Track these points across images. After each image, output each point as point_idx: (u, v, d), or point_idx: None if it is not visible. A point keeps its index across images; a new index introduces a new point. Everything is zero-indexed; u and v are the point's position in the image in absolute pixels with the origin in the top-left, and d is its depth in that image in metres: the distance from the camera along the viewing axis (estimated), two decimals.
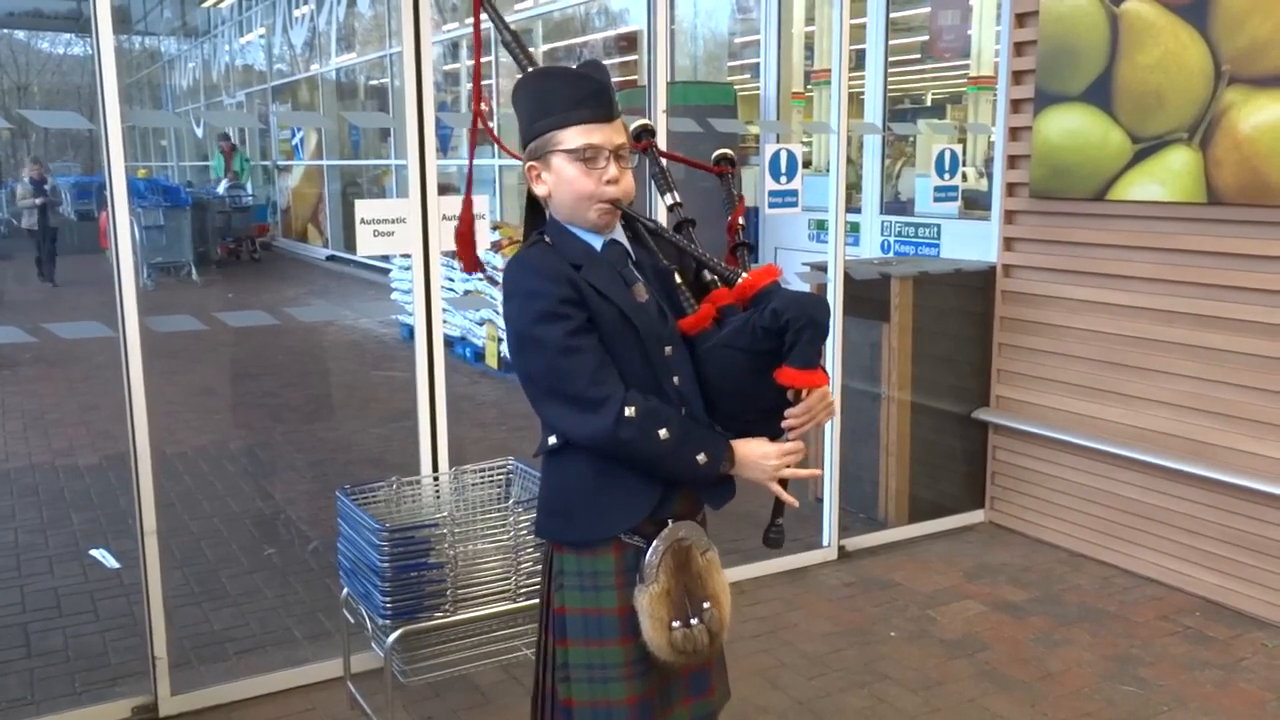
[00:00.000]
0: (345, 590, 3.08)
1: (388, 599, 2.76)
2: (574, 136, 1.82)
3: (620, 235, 1.92)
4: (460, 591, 2.85)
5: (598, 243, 1.88)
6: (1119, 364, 4.11)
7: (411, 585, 2.79)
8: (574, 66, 1.94)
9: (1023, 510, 4.58)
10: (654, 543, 1.87)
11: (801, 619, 3.77)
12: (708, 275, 1.96)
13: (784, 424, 1.86)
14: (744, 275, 1.86)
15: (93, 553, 4.38)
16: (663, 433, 1.79)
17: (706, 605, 1.88)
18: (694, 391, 1.87)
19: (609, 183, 1.83)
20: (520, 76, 1.94)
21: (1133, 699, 3.22)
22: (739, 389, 1.86)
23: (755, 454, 1.87)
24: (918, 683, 3.32)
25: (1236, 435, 3.75)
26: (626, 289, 1.85)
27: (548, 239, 1.88)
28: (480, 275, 3.05)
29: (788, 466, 1.88)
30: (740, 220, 2.08)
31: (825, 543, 4.32)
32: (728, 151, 2.16)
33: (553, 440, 1.89)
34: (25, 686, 3.31)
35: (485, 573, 2.87)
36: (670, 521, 1.89)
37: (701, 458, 1.83)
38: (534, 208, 1.97)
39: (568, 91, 1.84)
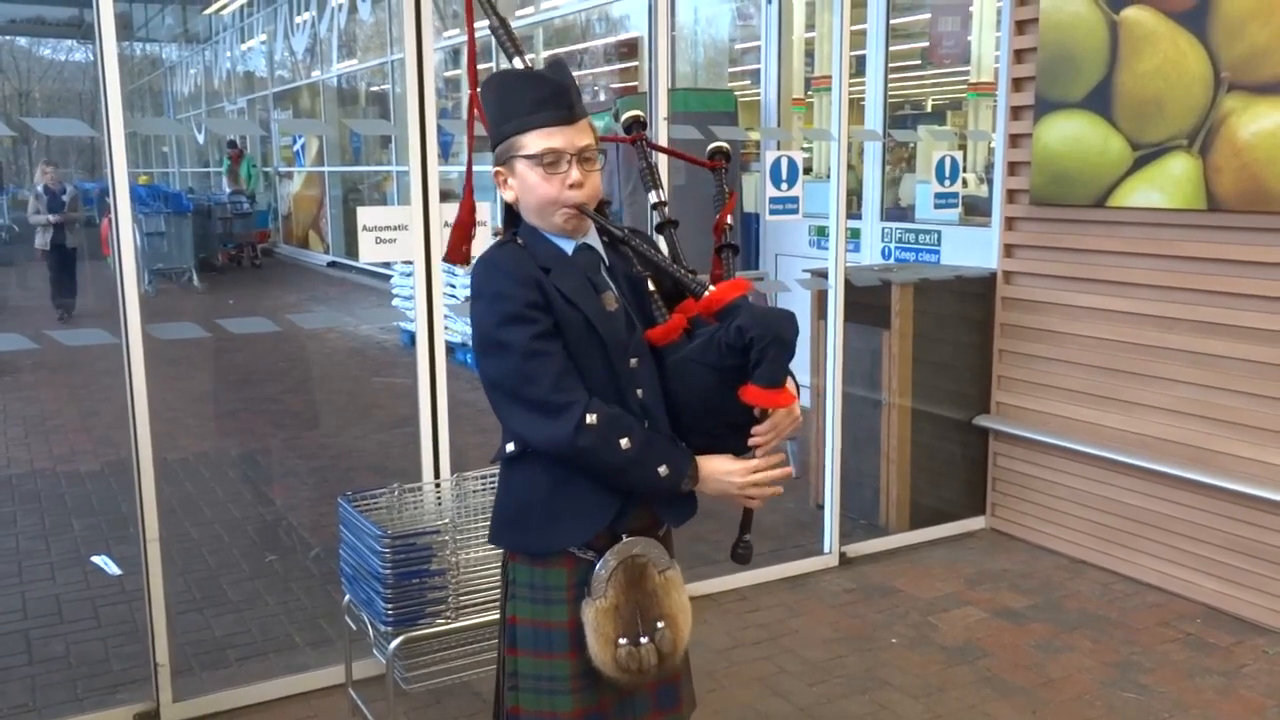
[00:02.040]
0: (347, 597, 3.08)
1: (389, 605, 2.76)
2: (535, 141, 1.79)
3: (594, 239, 1.89)
4: (462, 598, 2.85)
5: (569, 247, 1.86)
6: (1120, 370, 4.11)
7: (413, 592, 2.79)
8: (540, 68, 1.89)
9: (1024, 516, 4.58)
10: (604, 556, 1.84)
11: (803, 625, 3.77)
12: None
13: (750, 441, 1.82)
14: (710, 288, 1.81)
15: (94, 559, 4.38)
16: (624, 442, 1.76)
17: (660, 625, 1.84)
18: (658, 405, 1.84)
19: (572, 187, 1.80)
20: (486, 78, 1.89)
21: (1133, 705, 3.22)
22: (705, 404, 1.82)
23: (721, 470, 1.84)
24: (919, 689, 3.32)
25: (1237, 441, 3.75)
26: (595, 296, 1.82)
27: (519, 239, 1.86)
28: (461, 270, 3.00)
29: (755, 484, 1.85)
30: (729, 220, 2.02)
31: (826, 549, 4.32)
32: (724, 145, 2.10)
33: (511, 447, 1.87)
34: (27, 693, 3.31)
35: (487, 579, 2.87)
36: (625, 536, 1.86)
37: (663, 470, 1.79)
38: (510, 211, 1.94)
39: (527, 94, 1.81)
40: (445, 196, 3.31)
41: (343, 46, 16.28)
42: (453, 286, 7.80)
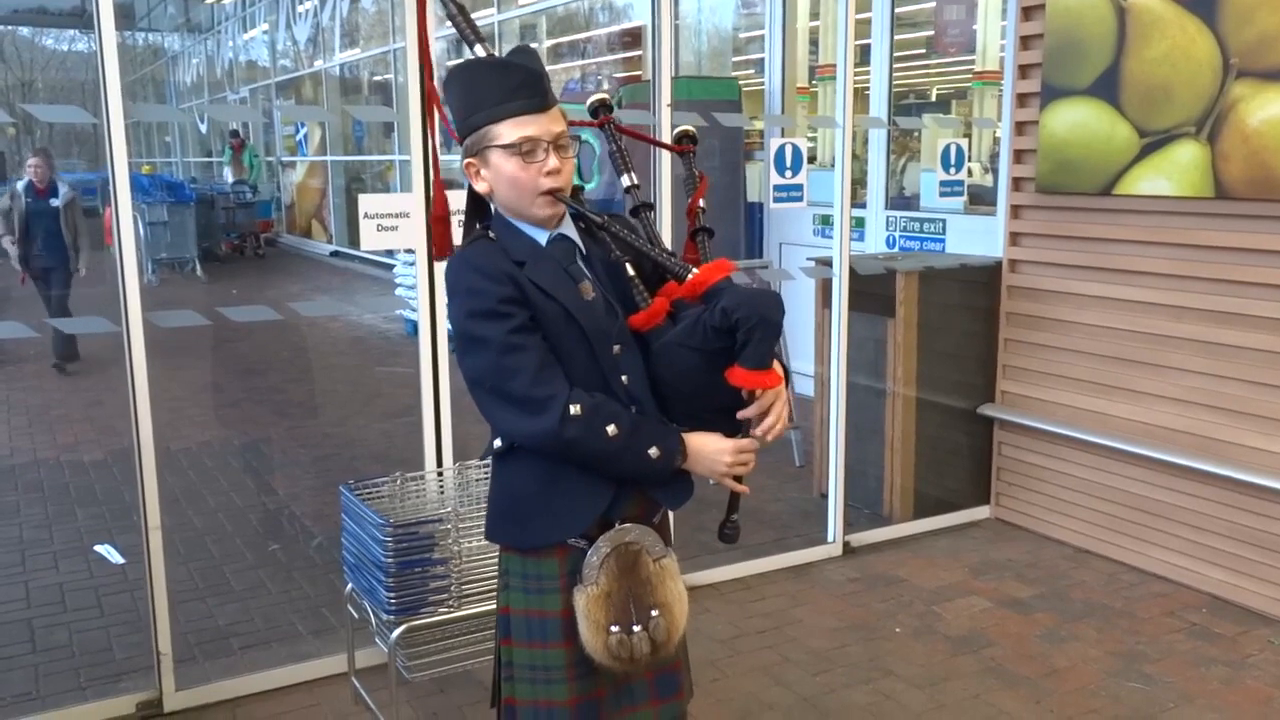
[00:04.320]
0: (349, 586, 3.08)
1: (392, 594, 2.76)
2: (509, 130, 1.76)
3: (569, 229, 1.86)
4: (464, 587, 2.84)
5: (543, 238, 1.83)
6: (1126, 359, 4.09)
7: (415, 581, 2.78)
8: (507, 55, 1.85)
9: (1028, 506, 4.56)
10: (596, 543, 1.82)
11: (806, 615, 3.76)
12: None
13: (754, 431, 1.80)
14: (694, 271, 1.79)
15: (97, 548, 4.38)
16: (611, 429, 1.74)
17: (655, 613, 1.82)
18: (644, 390, 1.82)
19: (549, 174, 1.77)
20: (449, 70, 1.86)
21: (1138, 695, 3.21)
22: (693, 388, 1.80)
23: (710, 449, 1.82)
24: (923, 679, 3.31)
25: (1244, 431, 3.73)
26: (572, 286, 1.80)
27: (491, 234, 1.84)
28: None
29: (742, 464, 1.83)
30: (701, 203, 1.99)
31: (830, 538, 4.31)
32: (689, 129, 2.07)
33: (498, 443, 1.86)
34: (30, 682, 3.31)
35: (489, 568, 2.86)
36: (618, 524, 1.84)
37: (654, 452, 1.77)
38: (476, 203, 1.91)
39: (498, 83, 1.78)
40: (447, 185, 3.29)
41: (345, 35, 16.25)
42: None
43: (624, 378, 1.81)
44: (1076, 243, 4.23)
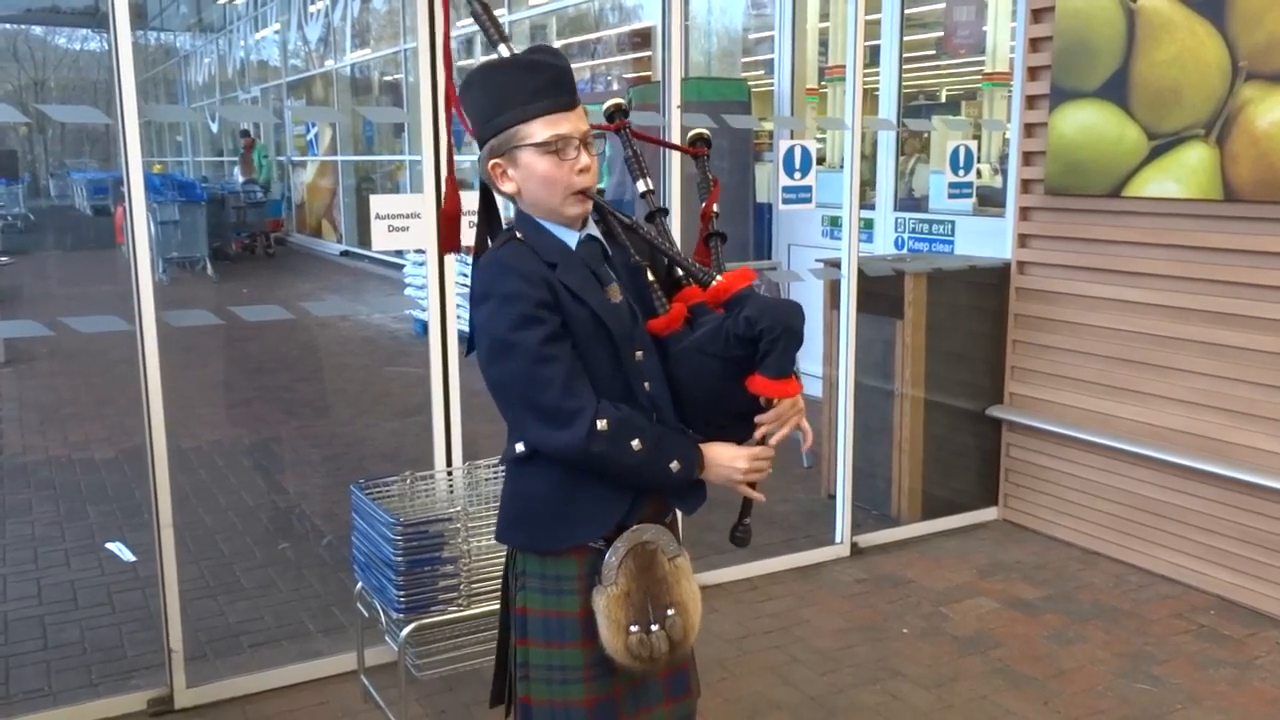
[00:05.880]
0: (359, 584, 3.09)
1: (401, 593, 2.77)
2: (541, 129, 1.75)
3: (595, 231, 1.86)
4: (474, 586, 2.85)
5: (572, 239, 1.82)
6: (1134, 361, 4.09)
7: (425, 579, 2.79)
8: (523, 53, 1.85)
9: (1036, 507, 4.56)
10: (615, 544, 1.82)
11: (814, 615, 3.77)
12: (680, 271, 1.91)
13: (757, 434, 1.81)
14: (718, 278, 1.79)
15: (109, 546, 4.40)
16: (635, 444, 1.74)
17: (671, 612, 1.83)
18: (665, 396, 1.82)
19: (581, 172, 1.77)
20: (470, 72, 1.84)
21: (1146, 697, 3.21)
22: (710, 394, 1.81)
23: (724, 457, 1.83)
24: (930, 679, 3.32)
25: (1252, 433, 3.73)
26: (601, 289, 1.79)
27: (519, 235, 1.82)
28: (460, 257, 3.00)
29: (757, 471, 1.83)
30: (715, 208, 1.99)
31: (838, 539, 4.31)
32: (704, 131, 2.07)
33: (520, 448, 1.85)
34: (42, 678, 3.34)
35: (498, 567, 2.87)
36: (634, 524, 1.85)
37: (675, 466, 1.78)
38: (488, 209, 1.90)
39: (526, 82, 1.76)
40: (459, 186, 3.31)
41: (356, 36, 16.29)
42: (465, 275, 7.80)
43: (646, 384, 1.81)
44: (1085, 245, 4.23)
